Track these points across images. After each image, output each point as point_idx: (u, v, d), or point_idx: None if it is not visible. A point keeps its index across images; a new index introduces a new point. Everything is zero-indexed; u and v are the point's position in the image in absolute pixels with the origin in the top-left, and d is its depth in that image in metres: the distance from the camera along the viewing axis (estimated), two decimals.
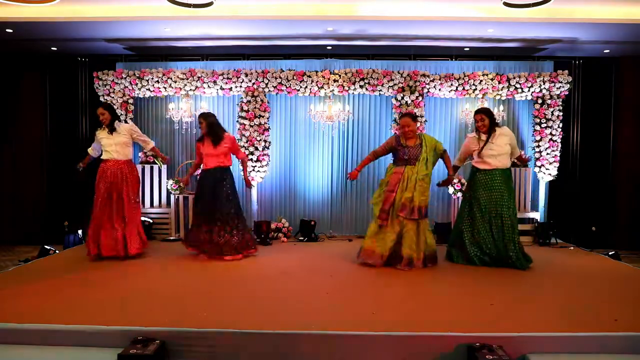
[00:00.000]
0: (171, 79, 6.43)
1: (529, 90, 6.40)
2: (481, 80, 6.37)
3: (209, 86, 6.46)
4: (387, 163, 6.62)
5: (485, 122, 4.82)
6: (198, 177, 5.30)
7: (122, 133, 4.98)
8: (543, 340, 2.77)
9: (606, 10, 5.40)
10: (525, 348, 2.74)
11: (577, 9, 5.43)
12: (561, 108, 6.47)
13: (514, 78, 6.38)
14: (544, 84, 6.36)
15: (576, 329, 2.87)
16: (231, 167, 5.21)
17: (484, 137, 4.85)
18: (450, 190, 6.42)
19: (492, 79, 6.37)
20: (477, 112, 4.94)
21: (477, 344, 2.66)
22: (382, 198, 4.65)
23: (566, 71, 6.43)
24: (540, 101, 6.43)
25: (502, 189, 4.73)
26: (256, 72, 6.44)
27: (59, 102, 7.05)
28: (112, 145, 4.92)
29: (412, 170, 4.59)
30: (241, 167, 5.46)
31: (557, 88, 6.40)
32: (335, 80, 6.38)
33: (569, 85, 6.44)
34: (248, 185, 5.46)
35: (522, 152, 6.34)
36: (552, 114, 6.42)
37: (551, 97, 6.42)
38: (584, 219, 6.89)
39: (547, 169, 6.45)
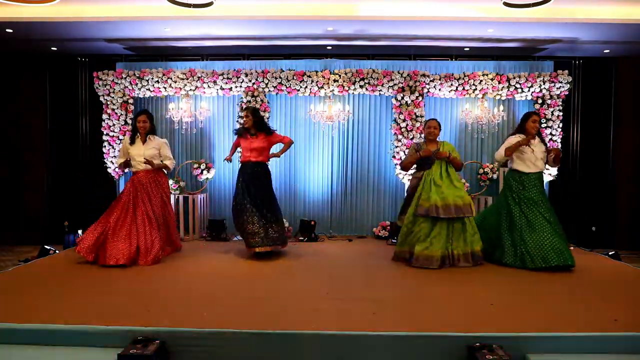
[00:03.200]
0: (171, 79, 6.44)
1: (529, 90, 6.40)
2: (481, 80, 6.37)
3: (209, 86, 6.46)
4: (387, 163, 6.67)
5: (538, 124, 4.83)
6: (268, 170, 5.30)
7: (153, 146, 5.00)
8: (543, 340, 2.77)
9: (606, 10, 5.40)
10: (525, 348, 2.73)
11: (577, 9, 5.43)
12: (561, 108, 6.47)
13: (514, 78, 6.38)
14: (544, 84, 6.36)
15: (576, 329, 2.87)
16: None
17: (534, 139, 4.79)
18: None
19: (492, 79, 6.37)
20: (536, 113, 4.92)
21: (477, 344, 2.66)
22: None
23: (566, 71, 6.43)
24: (540, 101, 6.43)
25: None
26: (256, 72, 6.44)
27: (59, 102, 7.05)
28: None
29: (429, 173, 4.71)
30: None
31: (557, 88, 6.40)
32: (335, 80, 6.38)
33: (569, 85, 6.44)
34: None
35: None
36: (552, 114, 6.43)
37: (551, 97, 6.42)
38: (584, 219, 6.90)
39: (547, 169, 6.45)
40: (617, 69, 6.90)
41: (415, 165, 4.93)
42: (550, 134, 6.42)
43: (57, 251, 5.40)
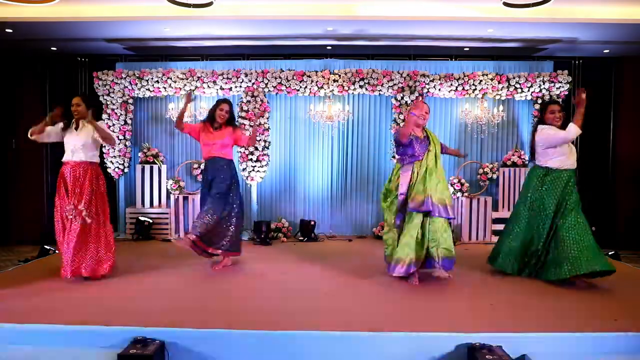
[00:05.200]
0: (171, 79, 6.44)
1: (528, 90, 6.40)
2: (481, 80, 6.37)
3: (208, 86, 6.45)
4: (387, 163, 6.67)
5: (561, 115, 4.35)
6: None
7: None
8: (543, 340, 2.78)
9: (606, 10, 5.40)
10: (525, 348, 2.74)
11: (577, 9, 5.43)
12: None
13: (514, 78, 6.38)
14: (543, 84, 6.36)
15: (576, 329, 2.87)
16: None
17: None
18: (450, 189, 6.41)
19: (492, 79, 6.37)
20: (556, 103, 4.52)
21: (477, 344, 2.66)
22: (395, 203, 4.31)
23: (566, 71, 6.43)
24: (540, 101, 6.43)
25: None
26: (256, 72, 6.44)
27: (59, 102, 6.99)
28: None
29: (419, 164, 4.16)
30: None
31: (557, 88, 6.40)
32: (335, 80, 6.38)
33: (568, 85, 6.43)
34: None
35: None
36: None
37: (551, 97, 6.42)
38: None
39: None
40: (617, 69, 6.90)
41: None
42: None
43: (57, 251, 5.37)
